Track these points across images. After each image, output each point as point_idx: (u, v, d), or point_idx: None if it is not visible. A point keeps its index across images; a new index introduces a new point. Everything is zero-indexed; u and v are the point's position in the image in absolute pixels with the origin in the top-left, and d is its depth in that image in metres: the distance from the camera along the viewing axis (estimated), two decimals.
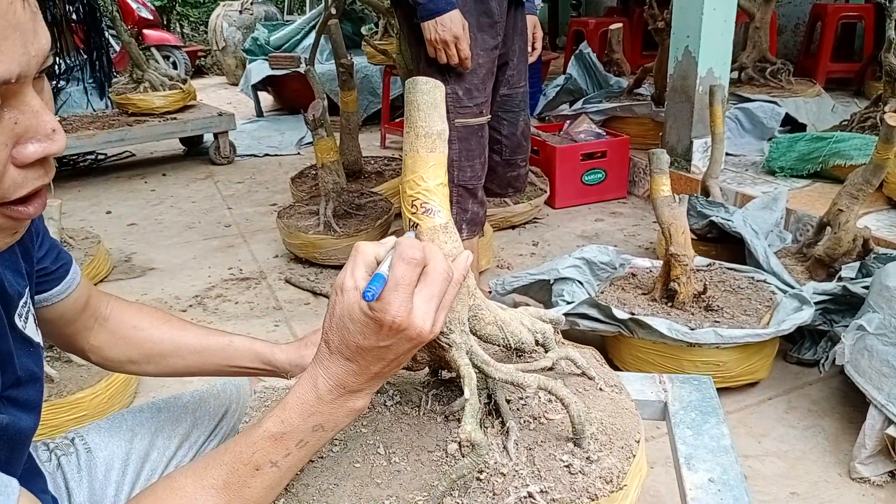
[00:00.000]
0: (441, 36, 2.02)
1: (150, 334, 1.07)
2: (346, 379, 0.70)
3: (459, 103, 2.17)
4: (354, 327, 0.67)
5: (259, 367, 1.08)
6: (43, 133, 0.59)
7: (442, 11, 2.01)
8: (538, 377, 0.80)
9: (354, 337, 0.67)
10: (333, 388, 0.70)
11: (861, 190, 2.25)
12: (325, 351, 0.70)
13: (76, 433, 1.08)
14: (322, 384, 0.70)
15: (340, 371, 0.69)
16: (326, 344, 0.70)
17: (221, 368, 1.09)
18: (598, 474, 0.77)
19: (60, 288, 0.96)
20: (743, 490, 0.94)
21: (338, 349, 0.69)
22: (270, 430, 0.70)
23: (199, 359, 1.08)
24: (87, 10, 5.80)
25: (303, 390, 0.70)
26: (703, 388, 1.17)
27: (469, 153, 2.23)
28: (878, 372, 1.73)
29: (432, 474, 0.78)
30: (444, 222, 0.78)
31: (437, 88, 0.75)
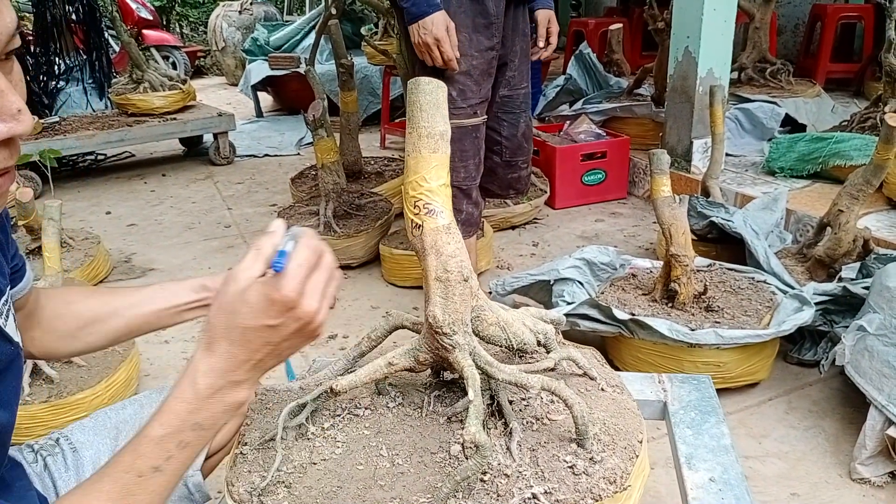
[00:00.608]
0: (423, 39, 2.05)
1: (84, 305, 1.04)
2: (228, 369, 0.68)
3: (453, 104, 2.17)
4: (245, 308, 0.67)
5: (201, 297, 1.04)
6: (8, 113, 0.60)
7: (424, 14, 2.03)
8: (541, 378, 0.80)
9: (244, 318, 0.67)
10: (214, 382, 0.68)
11: (861, 190, 2.25)
12: (207, 341, 0.69)
13: (60, 433, 1.08)
14: (202, 379, 0.68)
15: (222, 361, 0.68)
16: (210, 332, 0.69)
17: (164, 313, 1.04)
18: (602, 475, 0.77)
19: (21, 286, 0.94)
20: (744, 489, 0.94)
21: (223, 334, 0.68)
22: (150, 435, 0.68)
23: (138, 312, 1.03)
24: (86, 11, 5.80)
25: (181, 389, 0.69)
26: (702, 387, 1.17)
27: (463, 154, 2.23)
28: (878, 372, 1.73)
29: (436, 476, 0.78)
30: (446, 223, 0.78)
31: (439, 89, 0.75)
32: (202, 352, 0.70)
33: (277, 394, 0.93)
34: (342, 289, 2.95)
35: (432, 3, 2.03)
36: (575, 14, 8.08)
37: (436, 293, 0.79)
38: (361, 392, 0.92)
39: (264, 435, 0.85)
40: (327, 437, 0.85)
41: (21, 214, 2.80)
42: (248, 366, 0.70)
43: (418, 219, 0.77)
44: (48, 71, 5.79)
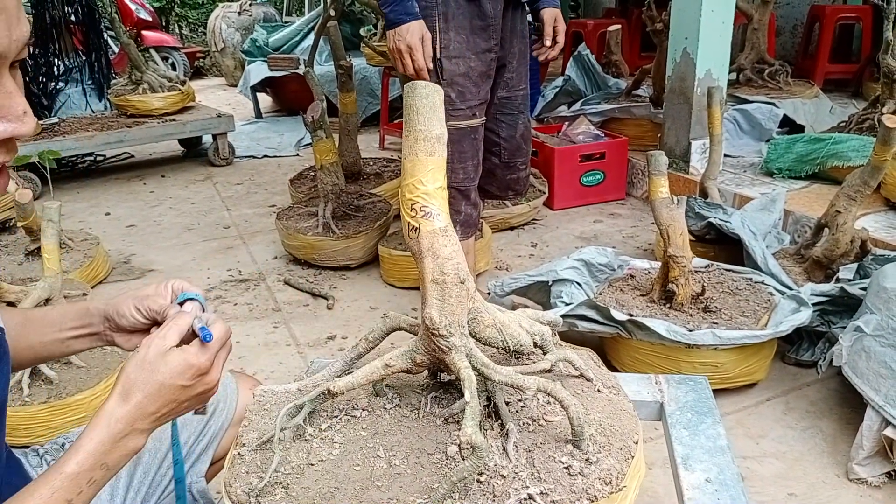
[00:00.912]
0: (397, 45, 2.08)
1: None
2: (137, 418, 0.77)
3: (452, 105, 2.18)
4: (165, 368, 0.78)
5: (84, 323, 1.02)
6: (14, 114, 0.65)
7: (401, 22, 2.06)
8: (537, 379, 0.81)
9: (162, 376, 0.78)
10: (123, 428, 0.76)
11: (859, 191, 2.26)
12: (123, 391, 0.78)
13: (66, 438, 1.10)
14: (115, 425, 0.76)
15: (134, 410, 0.77)
16: (126, 383, 0.78)
17: (52, 346, 1.02)
18: (598, 475, 0.77)
19: None
20: (739, 490, 0.95)
21: (140, 387, 0.77)
22: (65, 471, 0.74)
23: (27, 331, 1.01)
24: (85, 12, 5.80)
25: (96, 430, 0.76)
26: (698, 388, 1.18)
27: (461, 155, 2.24)
28: (875, 373, 1.74)
29: (433, 477, 0.78)
30: (443, 226, 0.78)
31: (436, 92, 0.76)
32: (117, 399, 0.78)
33: (275, 395, 0.94)
34: (341, 290, 2.95)
35: (410, 12, 2.07)
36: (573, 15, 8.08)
37: (432, 295, 0.80)
38: (359, 393, 0.93)
39: (262, 436, 0.85)
40: (325, 439, 0.85)
41: (20, 216, 2.80)
42: (153, 418, 0.79)
43: (415, 221, 0.78)
44: (47, 72, 5.79)
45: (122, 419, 0.76)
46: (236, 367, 2.40)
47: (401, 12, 2.06)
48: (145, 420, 0.79)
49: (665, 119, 3.71)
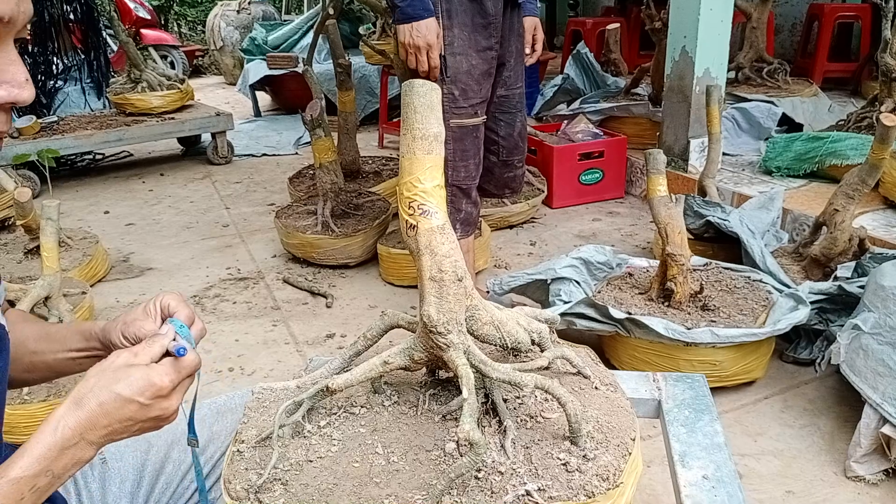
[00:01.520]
0: (415, 41, 2.04)
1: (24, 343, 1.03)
2: (88, 427, 0.74)
3: (455, 103, 2.18)
4: (126, 380, 0.75)
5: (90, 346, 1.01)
6: (16, 81, 0.67)
7: (418, 17, 2.03)
8: (535, 376, 0.81)
9: (121, 388, 0.75)
10: (72, 436, 0.73)
11: (857, 190, 2.26)
12: (78, 397, 0.75)
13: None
14: (63, 430, 0.73)
15: (86, 419, 0.74)
16: (83, 389, 0.75)
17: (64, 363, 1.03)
18: (595, 472, 0.78)
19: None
20: (736, 486, 0.95)
21: (96, 395, 0.74)
22: (8, 476, 0.71)
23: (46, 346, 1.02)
24: (84, 10, 5.80)
25: (44, 435, 0.73)
26: (696, 386, 1.18)
27: (464, 153, 2.24)
28: (873, 371, 1.74)
29: (431, 473, 0.79)
30: (440, 223, 0.79)
31: (433, 91, 0.76)
32: (70, 405, 0.75)
33: (274, 392, 0.94)
34: (340, 288, 2.96)
35: (427, 8, 2.03)
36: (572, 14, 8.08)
37: (430, 293, 0.80)
38: (357, 390, 0.93)
39: (261, 433, 0.85)
40: (323, 435, 0.85)
41: (19, 214, 2.80)
42: (105, 431, 0.76)
43: (413, 219, 0.78)
44: (46, 70, 5.79)
45: (71, 426, 0.74)
46: (235, 365, 2.41)
47: (419, 7, 2.02)
48: (95, 432, 0.75)
49: (664, 117, 3.71)
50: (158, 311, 0.92)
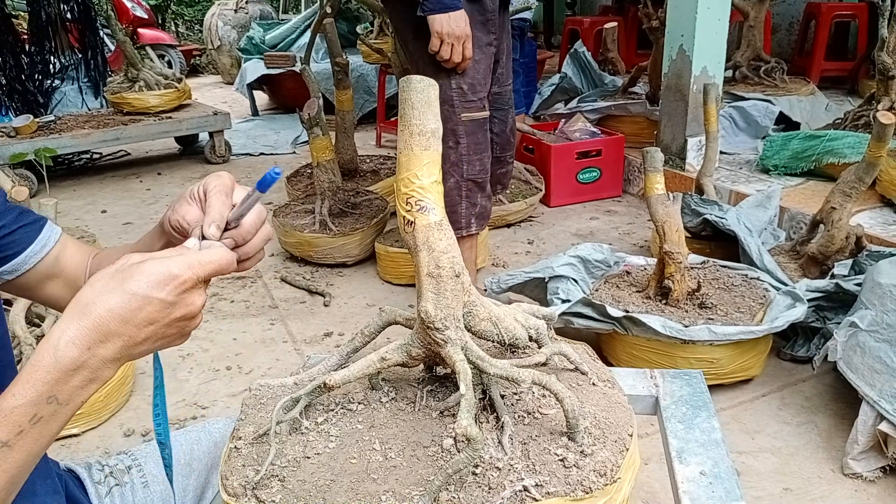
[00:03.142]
0: (454, 31, 2.02)
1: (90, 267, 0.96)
2: (98, 340, 0.61)
3: (465, 98, 2.18)
4: (140, 275, 0.63)
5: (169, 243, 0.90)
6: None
7: (454, 7, 2.01)
8: (532, 372, 0.81)
9: (135, 284, 0.62)
10: (79, 356, 0.61)
11: (854, 188, 2.27)
12: (81, 303, 0.62)
13: (133, 460, 1.04)
14: (65, 350, 0.61)
15: (93, 330, 0.61)
16: (87, 293, 0.63)
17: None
18: (592, 467, 0.78)
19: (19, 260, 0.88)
20: (734, 483, 0.95)
21: (103, 301, 0.62)
22: (2, 406, 0.60)
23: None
24: (81, 9, 5.79)
25: (41, 357, 0.61)
26: (693, 382, 1.18)
27: (477, 146, 2.25)
28: (870, 368, 1.75)
29: (428, 469, 0.79)
30: (438, 220, 0.79)
31: (431, 87, 0.76)
32: (72, 315, 0.62)
33: (271, 389, 0.94)
34: (338, 287, 2.95)
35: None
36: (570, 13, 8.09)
37: (428, 289, 0.80)
38: (355, 387, 0.93)
39: (258, 429, 0.85)
40: (321, 432, 0.85)
41: None
42: (121, 343, 0.63)
43: (410, 215, 0.78)
44: (43, 70, 5.79)
45: (75, 341, 0.60)
46: (233, 364, 2.41)
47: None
48: (108, 344, 0.62)
49: (661, 116, 3.72)
50: (201, 197, 0.81)
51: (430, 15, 2.03)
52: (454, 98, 2.17)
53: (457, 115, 2.18)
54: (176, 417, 2.14)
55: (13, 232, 0.88)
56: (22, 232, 0.89)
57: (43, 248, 0.91)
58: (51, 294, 0.95)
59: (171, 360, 2.45)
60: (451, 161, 2.23)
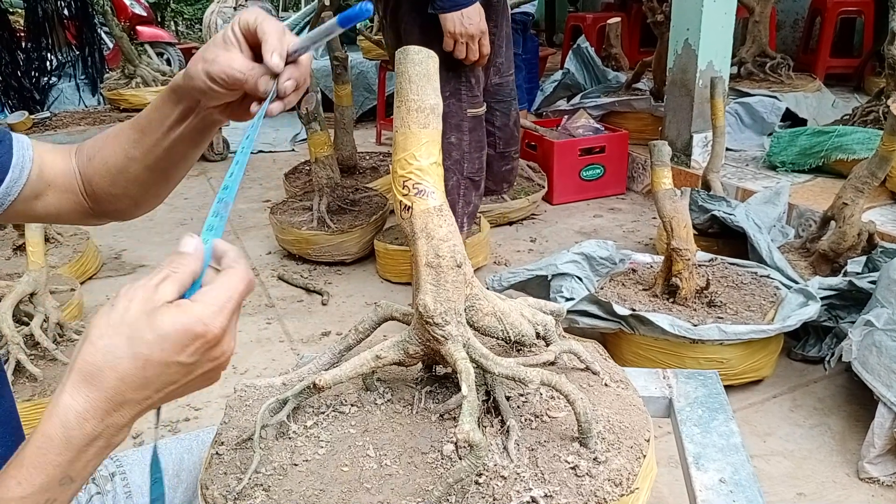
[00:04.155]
0: (467, 30, 1.92)
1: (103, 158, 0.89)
2: (111, 409, 0.53)
3: (471, 92, 2.10)
4: (154, 337, 0.53)
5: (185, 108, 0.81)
6: None
7: (466, 3, 1.90)
8: (540, 372, 0.75)
9: (150, 349, 0.53)
10: (93, 429, 0.53)
11: (866, 183, 2.20)
12: (86, 371, 0.52)
13: (118, 467, 0.96)
14: (78, 426, 0.52)
15: (106, 400, 0.53)
16: (91, 357, 0.53)
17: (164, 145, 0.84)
18: (607, 476, 0.71)
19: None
20: (756, 491, 0.89)
21: (113, 364, 0.52)
22: (5, 497, 0.52)
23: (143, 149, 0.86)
24: (79, 6, 5.75)
25: (46, 438, 0.52)
26: (709, 383, 1.12)
27: (478, 143, 2.17)
28: (887, 368, 1.68)
29: (427, 478, 0.72)
30: (438, 204, 0.72)
31: (430, 59, 0.70)
32: (77, 385, 0.52)
33: (258, 390, 0.87)
34: (336, 285, 2.89)
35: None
36: (573, 9, 8.02)
37: (426, 280, 0.74)
38: (347, 388, 0.86)
39: (242, 434, 0.79)
40: (310, 436, 0.79)
41: None
42: (138, 408, 0.55)
43: (408, 200, 0.72)
44: (40, 67, 5.74)
45: (87, 416, 0.52)
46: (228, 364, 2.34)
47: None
48: (123, 412, 0.53)
49: (666, 112, 3.65)
50: (241, 38, 0.70)
51: (441, 14, 1.92)
52: (462, 91, 2.08)
53: (463, 109, 2.10)
54: (168, 419, 2.08)
55: None
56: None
57: (21, 173, 0.83)
58: (46, 210, 0.88)
59: None
60: (454, 158, 2.14)
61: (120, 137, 0.86)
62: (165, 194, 0.95)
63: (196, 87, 0.73)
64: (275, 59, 0.67)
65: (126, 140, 0.85)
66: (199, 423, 2.05)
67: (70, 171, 0.89)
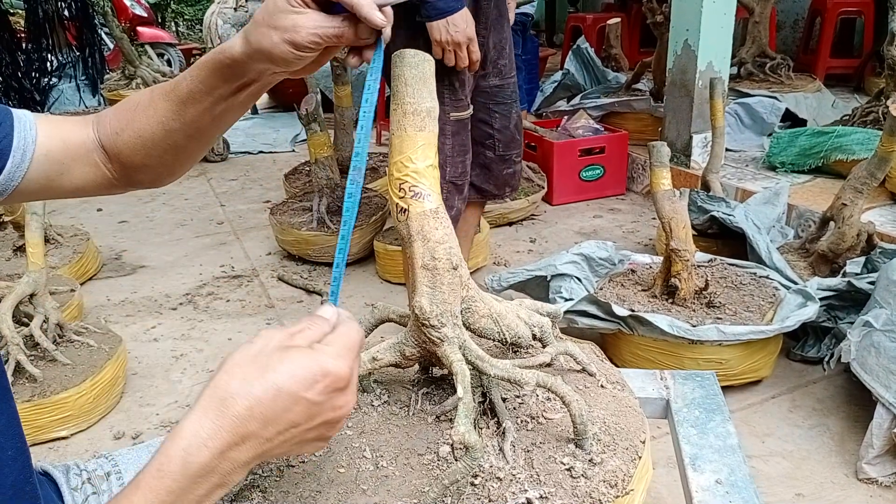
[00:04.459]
0: (454, 38, 1.87)
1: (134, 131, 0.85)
2: (233, 442, 0.52)
3: (455, 96, 2.08)
4: (286, 368, 0.54)
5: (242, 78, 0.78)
6: None
7: (453, 10, 1.84)
8: (536, 374, 0.75)
9: (281, 378, 0.54)
10: (210, 461, 0.52)
11: (865, 184, 2.20)
12: (218, 397, 0.53)
13: (114, 466, 0.96)
14: (198, 452, 0.52)
15: (230, 430, 0.52)
16: (223, 385, 0.54)
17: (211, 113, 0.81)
18: (602, 478, 0.72)
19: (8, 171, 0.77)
20: (752, 492, 0.89)
21: (244, 393, 0.53)
22: None
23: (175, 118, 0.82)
24: (79, 7, 5.75)
25: (166, 458, 0.52)
26: (706, 384, 1.12)
27: (462, 148, 2.16)
28: (885, 369, 1.68)
29: (423, 479, 0.73)
30: (434, 207, 0.72)
31: (426, 62, 0.70)
32: (206, 410, 0.52)
33: None
34: None
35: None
36: (573, 9, 8.02)
37: (423, 282, 0.74)
38: None
39: None
40: None
41: (8, 211, 2.74)
42: (257, 446, 0.53)
43: (404, 202, 0.72)
44: (40, 67, 5.75)
45: (207, 442, 0.51)
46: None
47: (452, 0, 1.83)
48: (244, 446, 0.52)
49: (666, 113, 3.65)
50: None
51: (427, 22, 1.88)
52: (445, 95, 2.04)
53: (446, 113, 2.05)
54: (168, 420, 2.08)
55: None
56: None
57: (24, 156, 0.79)
58: (73, 185, 0.85)
59: (164, 360, 2.39)
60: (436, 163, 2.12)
61: (155, 109, 0.82)
62: (200, 156, 0.92)
63: (273, 58, 0.70)
64: (378, 15, 0.67)
65: (163, 112, 0.81)
66: None
67: (89, 144, 0.86)
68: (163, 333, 2.57)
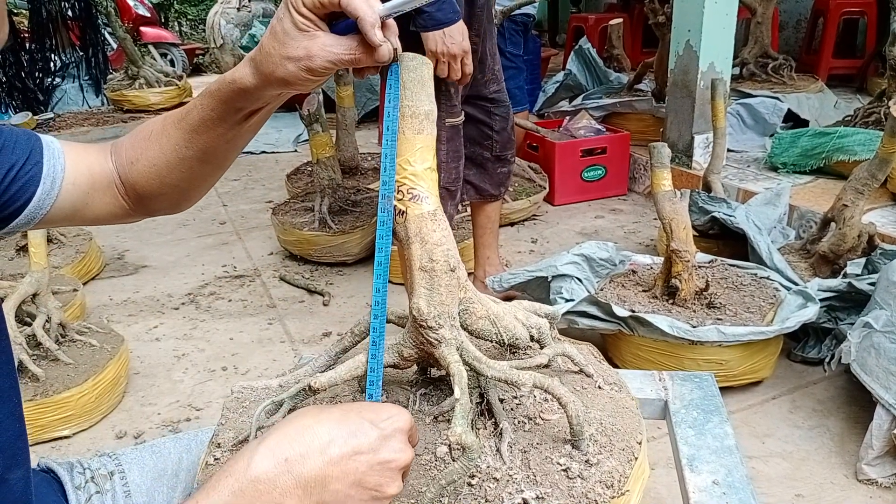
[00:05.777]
0: (450, 49, 1.84)
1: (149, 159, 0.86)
2: (287, 490, 0.58)
3: (449, 102, 2.09)
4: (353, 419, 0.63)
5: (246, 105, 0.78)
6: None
7: (450, 22, 1.83)
8: (533, 375, 0.75)
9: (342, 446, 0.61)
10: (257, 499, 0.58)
11: (866, 185, 2.20)
12: (269, 443, 0.60)
13: (117, 465, 0.98)
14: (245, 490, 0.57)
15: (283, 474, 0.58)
16: (278, 437, 0.61)
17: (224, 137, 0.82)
18: (598, 478, 0.72)
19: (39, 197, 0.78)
20: (749, 493, 0.89)
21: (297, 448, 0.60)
22: None
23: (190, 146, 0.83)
24: (82, 7, 5.76)
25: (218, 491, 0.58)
26: (704, 385, 1.12)
27: (455, 154, 2.17)
28: (885, 370, 1.69)
29: (420, 479, 0.73)
30: (432, 209, 0.73)
31: (424, 65, 0.70)
32: (256, 453, 0.59)
33: (254, 392, 0.88)
34: (337, 286, 2.90)
35: (456, 10, 1.84)
36: (575, 10, 8.02)
37: (420, 284, 0.74)
38: (343, 390, 0.87)
39: (239, 435, 0.80)
40: None
41: None
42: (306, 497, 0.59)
43: (402, 204, 0.72)
44: (44, 67, 5.76)
45: (258, 484, 0.57)
46: (229, 364, 2.35)
47: (449, 10, 1.81)
48: (293, 495, 0.58)
49: (667, 113, 3.65)
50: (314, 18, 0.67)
51: (423, 32, 1.86)
52: (441, 101, 2.03)
53: (441, 119, 2.06)
54: (170, 419, 2.09)
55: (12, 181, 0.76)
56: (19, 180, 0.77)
57: (53, 184, 0.79)
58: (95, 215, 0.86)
59: (166, 359, 2.40)
60: None
61: (168, 137, 0.83)
62: (216, 180, 0.93)
63: (289, 84, 0.70)
64: (377, 34, 0.65)
65: (176, 140, 0.82)
66: (200, 423, 2.06)
67: (109, 175, 0.87)
68: (165, 333, 2.58)
